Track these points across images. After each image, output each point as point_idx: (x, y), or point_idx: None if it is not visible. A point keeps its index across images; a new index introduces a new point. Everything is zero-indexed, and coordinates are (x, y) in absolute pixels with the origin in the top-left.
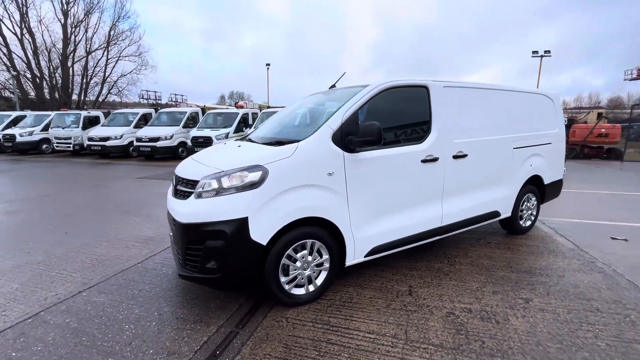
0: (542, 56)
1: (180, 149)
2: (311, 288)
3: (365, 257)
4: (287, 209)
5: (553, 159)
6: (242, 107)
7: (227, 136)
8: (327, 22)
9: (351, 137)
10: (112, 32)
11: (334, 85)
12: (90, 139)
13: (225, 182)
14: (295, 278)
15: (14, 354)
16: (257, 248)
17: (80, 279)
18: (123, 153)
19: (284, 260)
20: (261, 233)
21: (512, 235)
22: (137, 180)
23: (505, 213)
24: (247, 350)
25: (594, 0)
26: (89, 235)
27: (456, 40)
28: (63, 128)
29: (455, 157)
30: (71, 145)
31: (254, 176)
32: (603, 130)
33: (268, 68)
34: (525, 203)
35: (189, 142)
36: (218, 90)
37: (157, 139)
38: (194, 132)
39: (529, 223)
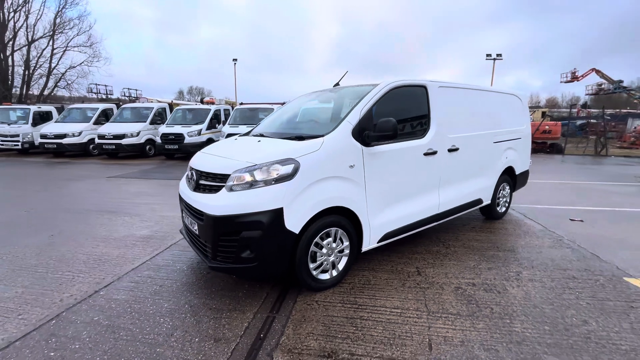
0: (494, 59)
1: (147, 147)
2: (334, 273)
3: (377, 242)
4: (317, 199)
5: (522, 152)
6: (212, 102)
7: (199, 133)
8: (288, 17)
9: (368, 132)
10: (57, 20)
11: (337, 84)
12: (43, 137)
13: (259, 175)
14: (321, 264)
15: (52, 354)
16: (290, 236)
17: (91, 279)
18: (82, 151)
19: (312, 248)
20: (294, 222)
21: (490, 220)
22: (109, 180)
23: (487, 200)
24: (289, 331)
25: (535, 10)
26: (78, 236)
27: (415, 40)
28: (9, 124)
29: (449, 150)
30: (19, 144)
31: (288, 169)
32: (547, 127)
33: (235, 63)
34: (501, 191)
35: (158, 140)
36: (175, 85)
37: (122, 136)
38: (164, 128)
39: (504, 209)
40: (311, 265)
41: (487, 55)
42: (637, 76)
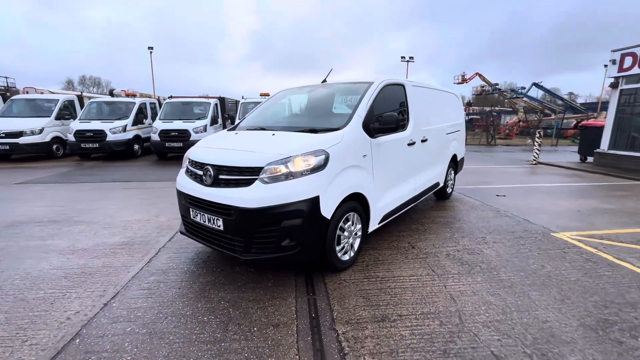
0: (407, 61)
1: (55, 146)
2: (352, 254)
3: (378, 224)
4: (343, 186)
5: (461, 141)
6: (133, 95)
7: (124, 129)
8: (202, 4)
9: (374, 125)
10: None
11: (325, 80)
12: None
13: (295, 166)
14: (343, 247)
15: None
16: (325, 222)
17: (88, 292)
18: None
19: (338, 232)
20: (327, 209)
21: (441, 200)
22: (21, 186)
23: (442, 183)
24: (337, 307)
25: (432, 17)
26: (31, 251)
27: (331, 37)
28: None
29: (422, 141)
30: None
31: (320, 159)
32: None
33: (151, 52)
34: (449, 175)
35: (71, 137)
36: (61, 73)
37: (18, 134)
38: (77, 124)
39: (450, 190)
40: (337, 248)
41: (402, 57)
42: (505, 79)
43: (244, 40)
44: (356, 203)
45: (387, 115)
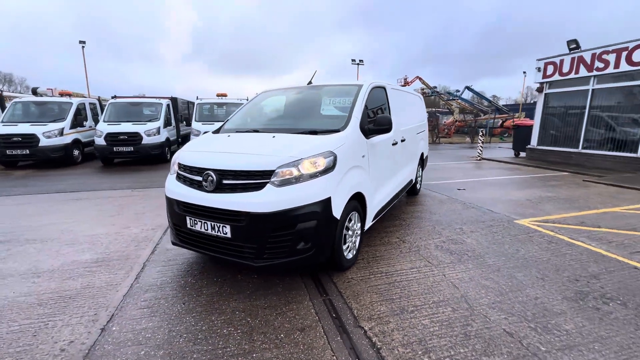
0: (358, 64)
1: None
2: (354, 252)
3: (372, 221)
4: (348, 186)
5: (426, 140)
6: (68, 94)
7: (61, 133)
8: None
9: (369, 126)
10: None
11: (310, 82)
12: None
13: (306, 168)
14: (347, 246)
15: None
16: (335, 222)
17: (76, 318)
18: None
19: (344, 231)
20: (337, 209)
21: (412, 195)
22: None
23: (414, 180)
24: (354, 305)
25: (374, 22)
26: None
27: (274, 37)
28: None
29: (401, 141)
30: None
31: (330, 160)
32: None
33: (83, 47)
34: (418, 172)
35: None
36: None
37: None
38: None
39: (419, 186)
40: (344, 247)
41: (352, 60)
42: (439, 82)
43: (184, 37)
44: (356, 202)
45: (381, 117)
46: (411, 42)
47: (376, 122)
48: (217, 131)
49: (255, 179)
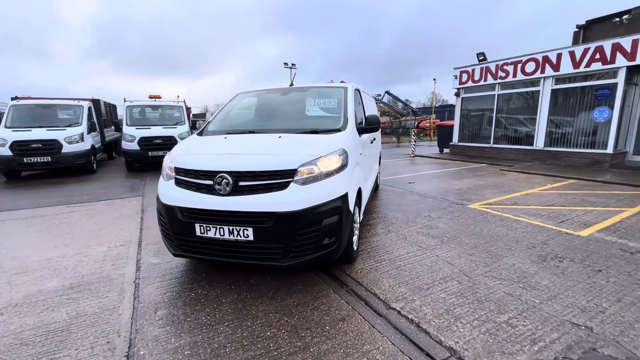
0: (290, 68)
1: None
2: (357, 244)
3: (362, 215)
4: (355, 182)
5: (379, 139)
6: None
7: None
8: None
9: (359, 125)
10: None
11: (292, 84)
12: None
13: (326, 166)
14: (355, 238)
15: None
16: (352, 216)
17: (88, 349)
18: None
19: (353, 224)
20: (351, 203)
21: (374, 190)
22: None
23: (379, 174)
24: (377, 291)
25: (297, 28)
26: None
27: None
28: None
29: (374, 139)
30: None
31: (344, 158)
32: None
33: None
34: (379, 168)
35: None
36: None
37: None
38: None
39: (379, 181)
40: (353, 240)
41: (285, 63)
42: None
43: (83, 32)
44: (357, 197)
45: (371, 116)
46: (334, 48)
47: (367, 122)
48: (200, 133)
49: (277, 179)
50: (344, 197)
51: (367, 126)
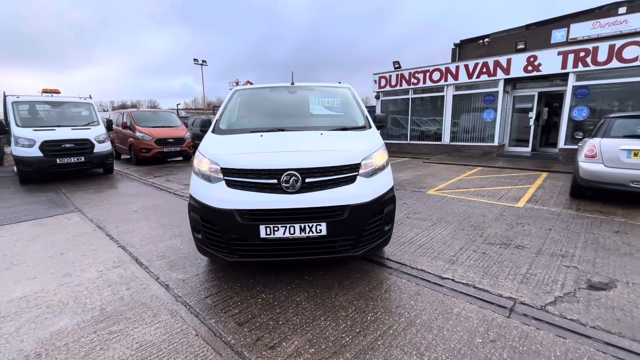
0: (201, 64)
1: None
2: None
3: None
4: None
5: None
6: None
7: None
8: None
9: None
10: None
11: (293, 83)
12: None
13: (380, 160)
14: None
15: None
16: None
17: None
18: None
19: None
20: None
21: None
22: None
23: None
24: (423, 267)
25: (194, 21)
26: None
27: (66, 28)
28: None
29: None
30: None
31: (386, 152)
32: None
33: None
34: None
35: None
36: None
37: None
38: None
39: None
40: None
41: (195, 59)
42: None
43: None
44: None
45: (379, 115)
46: (234, 47)
47: (376, 120)
48: (214, 132)
49: (345, 173)
50: (393, 187)
51: (376, 124)
